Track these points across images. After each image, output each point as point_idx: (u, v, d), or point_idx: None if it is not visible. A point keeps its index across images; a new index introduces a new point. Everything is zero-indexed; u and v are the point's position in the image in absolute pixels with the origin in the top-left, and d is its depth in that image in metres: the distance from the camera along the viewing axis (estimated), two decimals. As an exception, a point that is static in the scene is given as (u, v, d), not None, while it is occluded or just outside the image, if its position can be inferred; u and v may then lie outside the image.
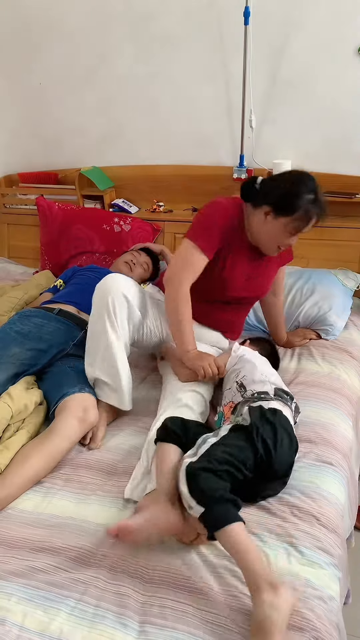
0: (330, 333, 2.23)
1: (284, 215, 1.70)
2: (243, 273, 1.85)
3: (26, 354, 1.86)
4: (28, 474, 1.47)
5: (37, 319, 2.00)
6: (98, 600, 1.15)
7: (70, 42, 2.81)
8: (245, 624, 1.08)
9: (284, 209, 1.69)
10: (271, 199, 1.71)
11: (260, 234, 1.78)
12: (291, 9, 2.41)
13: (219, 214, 1.80)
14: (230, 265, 1.82)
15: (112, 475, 1.51)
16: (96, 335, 1.77)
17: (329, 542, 1.27)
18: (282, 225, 1.72)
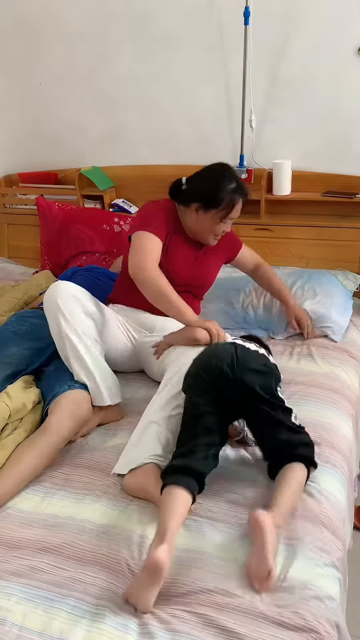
0: (334, 332, 2.21)
1: (211, 208, 1.89)
2: (185, 261, 1.98)
3: (23, 353, 1.87)
4: (21, 473, 1.48)
5: (34, 319, 2.00)
6: (98, 600, 1.15)
7: (70, 42, 2.81)
8: (247, 624, 1.08)
9: (211, 204, 1.88)
10: (198, 197, 1.91)
11: (196, 227, 1.96)
12: (291, 9, 2.41)
13: (156, 207, 1.98)
14: (172, 254, 1.94)
15: (111, 475, 1.51)
16: (59, 340, 1.76)
17: (329, 542, 1.28)
18: (212, 217, 1.90)
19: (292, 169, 2.56)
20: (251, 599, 1.13)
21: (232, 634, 1.07)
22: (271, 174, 2.59)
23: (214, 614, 1.11)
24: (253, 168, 2.65)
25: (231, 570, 1.20)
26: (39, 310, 2.09)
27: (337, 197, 2.50)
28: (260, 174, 2.61)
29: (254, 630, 1.07)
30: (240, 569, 1.20)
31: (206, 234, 1.96)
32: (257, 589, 1.15)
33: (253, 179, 2.66)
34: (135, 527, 1.33)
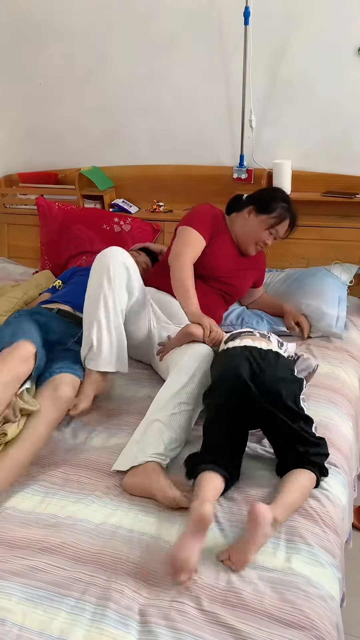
0: (331, 326, 2.22)
1: (263, 213, 2.10)
2: (227, 256, 2.15)
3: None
4: (10, 465, 1.48)
5: (41, 316, 2.00)
6: (98, 599, 1.14)
7: (70, 42, 2.81)
8: (250, 622, 1.08)
9: (264, 208, 2.10)
10: (253, 202, 2.14)
11: (243, 230, 2.15)
12: (291, 9, 2.41)
13: (207, 208, 2.17)
14: (217, 248, 2.11)
15: (111, 475, 1.51)
16: (92, 298, 1.79)
17: (331, 542, 1.28)
18: (260, 222, 2.11)
19: (292, 169, 2.56)
20: (254, 597, 1.13)
21: (235, 631, 1.07)
22: (271, 174, 2.59)
23: (216, 611, 1.11)
24: (253, 168, 2.66)
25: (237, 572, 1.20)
26: (43, 308, 2.09)
27: (337, 197, 2.50)
28: (260, 174, 2.62)
29: (257, 628, 1.07)
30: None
31: (250, 239, 2.14)
32: (226, 564, 1.22)
33: (253, 179, 2.66)
34: (135, 526, 1.33)
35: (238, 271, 2.19)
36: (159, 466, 1.47)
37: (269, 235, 2.12)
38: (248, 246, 2.16)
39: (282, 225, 2.11)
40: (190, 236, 2.05)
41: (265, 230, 2.11)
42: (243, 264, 2.21)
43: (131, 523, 1.34)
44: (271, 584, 1.16)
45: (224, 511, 1.37)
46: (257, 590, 1.15)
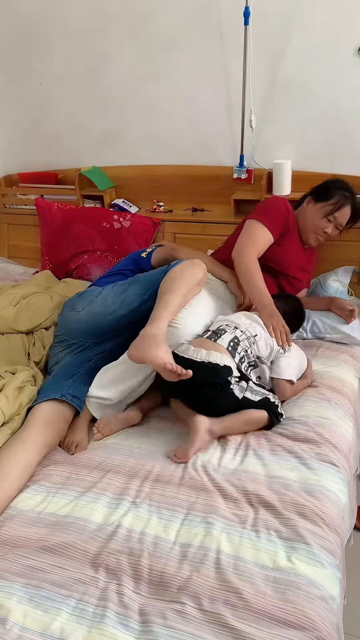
0: (349, 336, 2.19)
1: (321, 200, 2.11)
2: (297, 256, 2.16)
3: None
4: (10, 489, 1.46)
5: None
6: (99, 600, 1.15)
7: (70, 42, 2.81)
8: (250, 622, 1.08)
9: (322, 196, 2.12)
10: (313, 191, 2.17)
11: (303, 221, 2.16)
12: (291, 9, 2.41)
13: (282, 205, 2.14)
14: (285, 245, 2.11)
15: (112, 474, 1.51)
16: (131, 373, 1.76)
17: (332, 542, 1.28)
18: (319, 209, 2.11)
19: (292, 169, 2.56)
20: (254, 597, 1.13)
21: (235, 631, 1.07)
22: (271, 174, 2.59)
23: (216, 611, 1.11)
24: (253, 168, 2.66)
25: (234, 566, 1.21)
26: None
27: (337, 197, 2.50)
28: (260, 174, 2.62)
29: (257, 629, 1.07)
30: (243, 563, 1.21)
31: (310, 228, 2.14)
32: (172, 458, 1.54)
33: (253, 179, 2.67)
34: (136, 526, 1.33)
35: (302, 271, 2.20)
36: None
37: (327, 223, 2.10)
38: (308, 236, 2.16)
39: (342, 212, 2.09)
40: (259, 232, 2.04)
41: (324, 218, 2.10)
42: (306, 263, 2.22)
43: (132, 523, 1.34)
44: (272, 584, 1.16)
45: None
46: (257, 590, 1.15)
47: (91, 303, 1.91)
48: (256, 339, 1.78)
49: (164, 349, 1.58)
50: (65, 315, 1.98)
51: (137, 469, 1.52)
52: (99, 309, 1.87)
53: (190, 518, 1.35)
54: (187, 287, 1.79)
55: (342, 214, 2.10)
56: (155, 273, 1.90)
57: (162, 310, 1.70)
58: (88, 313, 1.89)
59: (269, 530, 1.30)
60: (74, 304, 1.97)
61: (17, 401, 1.67)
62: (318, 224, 2.12)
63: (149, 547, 1.27)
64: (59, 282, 2.67)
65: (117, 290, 1.91)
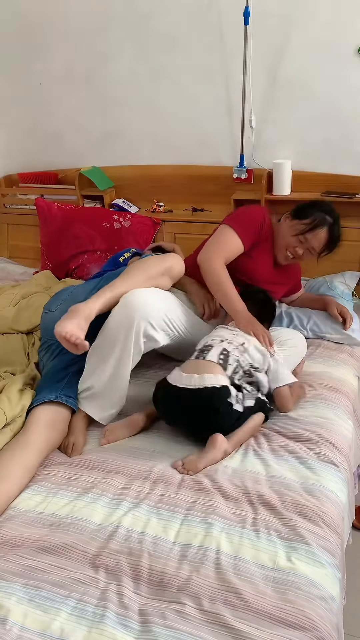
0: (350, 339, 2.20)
1: (297, 218, 2.01)
2: (266, 266, 2.07)
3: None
4: (7, 495, 1.45)
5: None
6: (98, 600, 1.14)
7: (70, 42, 2.81)
8: (251, 622, 1.08)
9: (300, 213, 2.01)
10: (295, 207, 2.05)
11: (277, 233, 2.06)
12: (291, 9, 2.41)
13: (259, 214, 2.06)
14: (256, 257, 2.03)
15: (112, 474, 1.51)
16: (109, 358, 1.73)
17: (332, 542, 1.28)
18: (291, 225, 2.01)
19: (292, 169, 2.56)
20: (254, 597, 1.13)
21: (235, 631, 1.07)
22: (271, 174, 2.59)
23: (216, 611, 1.11)
24: (253, 168, 2.66)
25: (234, 566, 1.21)
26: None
27: (337, 197, 2.50)
28: (260, 174, 2.62)
29: (257, 629, 1.07)
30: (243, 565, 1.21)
31: (281, 244, 2.05)
32: (179, 469, 1.51)
33: (253, 179, 2.67)
34: (136, 526, 1.33)
35: (275, 284, 2.11)
36: None
37: (298, 243, 1.99)
38: (279, 252, 2.06)
39: (314, 234, 1.96)
40: (229, 239, 1.95)
41: (294, 237, 1.99)
42: (278, 277, 2.13)
43: (131, 523, 1.34)
44: (272, 584, 1.16)
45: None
46: (257, 590, 1.15)
47: (64, 302, 1.89)
48: (245, 347, 1.74)
49: (76, 321, 1.54)
50: (43, 317, 1.98)
51: (137, 470, 1.52)
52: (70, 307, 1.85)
53: (190, 518, 1.34)
54: (144, 275, 1.75)
55: (315, 236, 1.97)
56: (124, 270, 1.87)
57: (101, 292, 1.68)
58: (61, 312, 1.83)
59: (269, 530, 1.29)
60: (49, 304, 1.97)
61: (19, 403, 1.67)
62: (288, 242, 2.01)
63: (148, 547, 1.26)
64: (59, 282, 2.67)
65: (87, 286, 1.89)
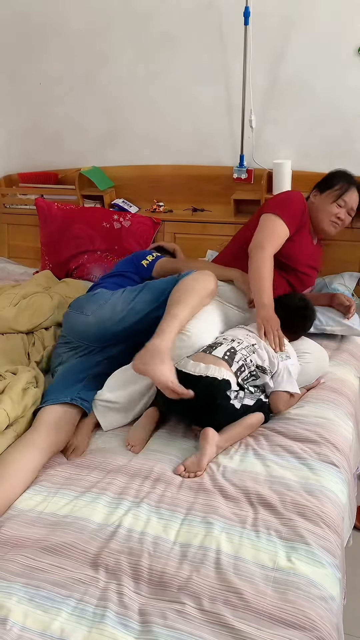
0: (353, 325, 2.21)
1: (326, 189, 2.14)
2: (309, 253, 2.15)
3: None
4: (14, 490, 1.45)
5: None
6: (99, 600, 1.15)
7: (70, 42, 2.81)
8: (251, 622, 1.08)
9: (326, 185, 2.15)
10: (317, 185, 2.19)
11: (314, 214, 2.14)
12: (291, 9, 2.41)
13: (299, 198, 2.13)
14: (298, 241, 2.08)
15: (113, 474, 1.51)
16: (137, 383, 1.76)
17: (332, 542, 1.28)
18: (325, 197, 2.13)
19: (292, 169, 2.56)
20: (254, 597, 1.13)
21: (235, 631, 1.07)
22: (271, 174, 2.59)
23: (217, 611, 1.11)
24: (253, 168, 2.66)
25: (234, 566, 1.21)
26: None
27: (337, 197, 2.50)
28: (260, 174, 2.62)
29: (257, 629, 1.07)
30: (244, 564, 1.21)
31: (324, 218, 2.13)
32: (182, 474, 1.50)
33: (253, 179, 2.67)
34: (136, 526, 1.33)
35: (311, 268, 2.19)
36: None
37: (338, 208, 2.11)
38: (323, 224, 2.14)
39: (349, 194, 2.11)
40: (277, 227, 2.01)
41: (333, 204, 2.11)
42: (315, 261, 2.21)
43: (131, 523, 1.34)
44: (272, 584, 1.16)
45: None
46: (257, 590, 1.15)
47: (100, 308, 1.88)
48: (255, 348, 1.74)
49: (168, 365, 1.55)
50: (73, 317, 1.95)
51: (138, 470, 1.52)
52: (107, 315, 1.85)
53: (190, 518, 1.35)
54: (197, 298, 1.77)
55: (350, 196, 2.11)
56: (166, 282, 1.87)
57: (170, 323, 1.67)
58: (96, 318, 1.87)
59: (269, 530, 1.30)
60: (82, 306, 1.93)
61: (22, 403, 1.67)
62: (329, 211, 2.11)
63: (149, 547, 1.27)
64: (59, 282, 2.67)
65: (126, 296, 1.88)
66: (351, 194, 2.11)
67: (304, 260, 2.13)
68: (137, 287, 1.93)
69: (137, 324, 1.83)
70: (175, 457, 1.58)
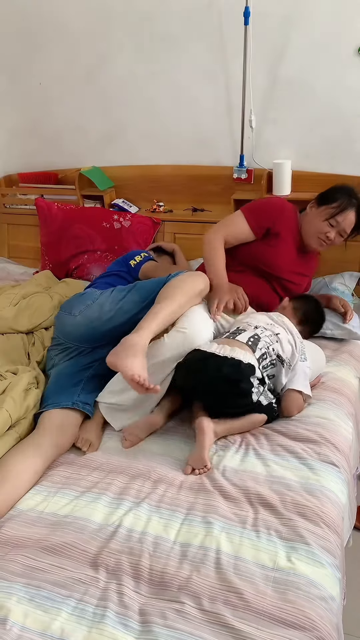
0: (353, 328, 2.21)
1: (324, 204, 2.06)
2: (287, 260, 2.11)
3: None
4: (16, 490, 1.45)
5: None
6: (99, 600, 1.15)
7: (70, 42, 2.81)
8: (251, 622, 1.08)
9: (325, 199, 2.07)
10: (319, 195, 2.11)
11: (306, 225, 2.11)
12: (291, 9, 2.41)
13: (275, 204, 2.15)
14: (279, 246, 2.08)
15: (113, 474, 1.51)
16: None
17: (332, 542, 1.28)
18: (320, 212, 2.06)
19: (292, 169, 2.56)
20: (254, 597, 1.13)
21: (235, 631, 1.07)
22: (271, 174, 2.59)
23: (216, 611, 1.11)
24: (253, 168, 2.66)
25: (234, 566, 1.21)
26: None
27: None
28: (260, 174, 2.62)
29: (257, 629, 1.07)
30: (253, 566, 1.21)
31: (312, 234, 2.09)
32: (190, 472, 1.51)
33: (253, 179, 2.67)
34: (137, 525, 1.33)
35: (298, 275, 2.16)
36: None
37: (329, 227, 2.03)
38: (311, 240, 2.09)
39: (344, 215, 2.01)
40: (236, 220, 2.07)
41: (325, 222, 2.03)
42: (299, 267, 2.16)
43: (132, 522, 1.34)
44: (272, 584, 1.16)
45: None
46: (257, 590, 1.15)
47: (88, 307, 1.88)
48: (279, 337, 1.75)
49: (139, 360, 1.54)
50: (62, 318, 1.95)
51: (138, 470, 1.52)
52: (95, 314, 1.84)
53: (190, 518, 1.35)
54: (184, 297, 1.75)
55: (345, 218, 2.02)
56: (156, 282, 1.86)
57: (150, 320, 1.65)
58: (84, 317, 1.86)
59: (269, 530, 1.30)
60: (70, 307, 1.94)
61: (24, 404, 1.67)
62: (319, 228, 2.05)
63: (149, 547, 1.27)
64: (59, 282, 2.67)
65: (115, 296, 1.88)
66: (347, 214, 2.02)
67: (286, 267, 2.11)
68: (127, 287, 1.92)
69: (125, 324, 1.80)
70: (176, 458, 1.58)
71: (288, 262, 2.12)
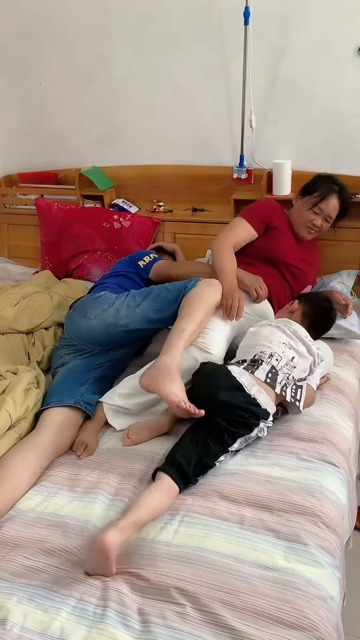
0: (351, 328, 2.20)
1: (307, 194, 2.18)
2: (288, 243, 2.20)
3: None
4: (15, 490, 1.45)
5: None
6: (98, 600, 1.15)
7: (70, 42, 2.81)
8: (250, 622, 1.08)
9: (307, 190, 2.20)
10: (302, 187, 2.23)
11: (293, 216, 2.23)
12: (291, 9, 2.40)
13: (265, 202, 2.28)
14: (279, 236, 2.18)
15: (112, 475, 1.51)
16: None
17: (331, 542, 1.28)
18: (304, 202, 2.18)
19: (292, 169, 2.56)
20: (254, 597, 1.13)
21: (235, 632, 1.07)
22: (271, 174, 2.59)
23: (216, 611, 1.11)
24: (253, 168, 2.66)
25: (233, 567, 1.20)
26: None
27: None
28: (260, 174, 2.62)
29: (256, 629, 1.07)
30: (241, 566, 1.21)
31: (299, 224, 2.20)
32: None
33: (253, 179, 2.67)
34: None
35: (304, 262, 2.22)
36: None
37: (314, 215, 2.15)
38: (300, 229, 2.20)
39: (327, 202, 2.13)
40: (238, 224, 2.16)
41: (309, 210, 2.15)
42: (302, 253, 2.23)
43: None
44: (270, 584, 1.16)
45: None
46: (256, 590, 1.15)
47: (103, 312, 1.87)
48: (295, 362, 1.69)
49: (178, 383, 1.54)
50: (75, 319, 1.94)
51: (138, 471, 1.52)
52: (110, 320, 1.85)
53: (188, 519, 1.34)
54: (205, 311, 1.78)
55: (328, 204, 2.13)
56: (172, 292, 1.87)
57: (177, 338, 1.66)
58: (99, 322, 1.86)
59: (268, 531, 1.30)
60: (85, 309, 1.92)
61: (24, 404, 1.67)
62: (306, 217, 2.16)
63: (147, 548, 1.26)
64: (59, 282, 2.67)
65: (130, 302, 1.88)
66: (329, 201, 2.14)
67: (289, 253, 2.18)
68: (142, 293, 1.92)
69: (140, 331, 1.85)
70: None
71: (290, 249, 2.20)
